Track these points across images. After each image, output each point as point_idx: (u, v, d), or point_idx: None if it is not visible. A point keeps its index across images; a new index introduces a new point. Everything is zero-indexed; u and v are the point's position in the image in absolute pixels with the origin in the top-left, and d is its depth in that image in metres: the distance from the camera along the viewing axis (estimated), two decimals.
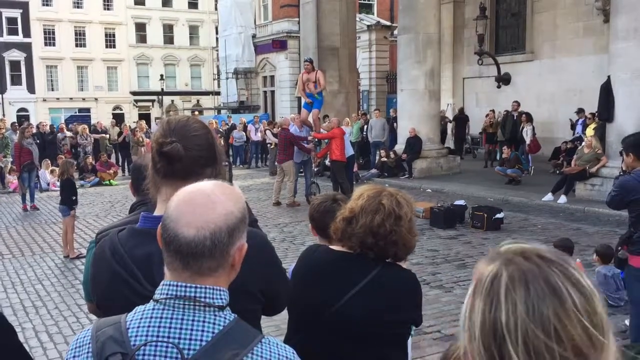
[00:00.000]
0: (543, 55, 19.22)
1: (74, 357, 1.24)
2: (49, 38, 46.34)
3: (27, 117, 40.30)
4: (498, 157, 17.21)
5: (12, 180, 16.44)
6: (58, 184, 11.08)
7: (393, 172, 16.28)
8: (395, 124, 18.39)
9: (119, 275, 1.54)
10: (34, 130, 18.81)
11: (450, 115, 21.49)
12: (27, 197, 13.60)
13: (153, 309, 1.23)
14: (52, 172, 16.53)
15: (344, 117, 19.72)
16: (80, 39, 47.46)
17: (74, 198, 9.07)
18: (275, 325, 5.12)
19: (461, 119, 20.61)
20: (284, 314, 2.17)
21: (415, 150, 16.11)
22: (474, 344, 0.93)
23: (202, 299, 1.22)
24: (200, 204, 1.23)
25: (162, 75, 44.95)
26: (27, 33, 45.10)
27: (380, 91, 27.70)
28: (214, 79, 47.65)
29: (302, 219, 11.16)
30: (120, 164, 20.56)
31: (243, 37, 33.04)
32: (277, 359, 1.23)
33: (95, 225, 11.14)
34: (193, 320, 1.20)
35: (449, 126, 21.03)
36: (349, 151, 12.95)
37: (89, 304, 2.59)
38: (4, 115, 37.50)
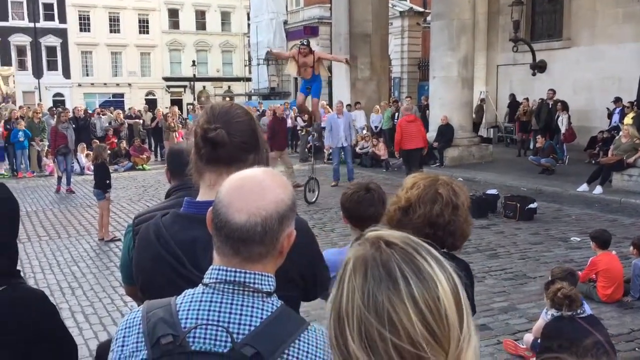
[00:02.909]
0: (580, 42, 18.75)
1: (124, 337, 1.25)
2: (84, 24, 47.02)
3: (62, 102, 41.09)
4: (532, 146, 16.92)
5: (49, 163, 16.84)
6: (92, 167, 11.31)
7: (424, 160, 16.13)
8: (427, 112, 18.20)
9: (164, 258, 1.55)
10: (70, 115, 19.21)
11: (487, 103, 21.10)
12: (63, 179, 13.91)
13: (203, 293, 1.24)
14: (87, 156, 16.84)
15: (374, 104, 19.65)
16: (114, 24, 48.05)
17: (107, 182, 9.23)
18: (305, 311, 5.14)
19: (513, 105, 20.16)
20: (317, 300, 2.18)
21: (446, 138, 15.94)
22: (329, 331, 0.93)
23: (251, 285, 1.23)
24: (252, 190, 1.24)
25: (194, 61, 45.26)
26: (62, 19, 45.83)
27: (412, 78, 27.43)
28: (245, 65, 47.82)
29: (331, 206, 11.17)
30: (152, 149, 20.83)
31: (274, 23, 33.03)
32: (323, 347, 1.24)
33: (129, 209, 11.33)
34: (242, 305, 1.22)
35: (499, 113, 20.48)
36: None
37: (126, 286, 2.63)
38: (40, 100, 38.29)
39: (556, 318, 4.13)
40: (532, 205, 9.84)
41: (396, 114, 19.13)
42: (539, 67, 18.84)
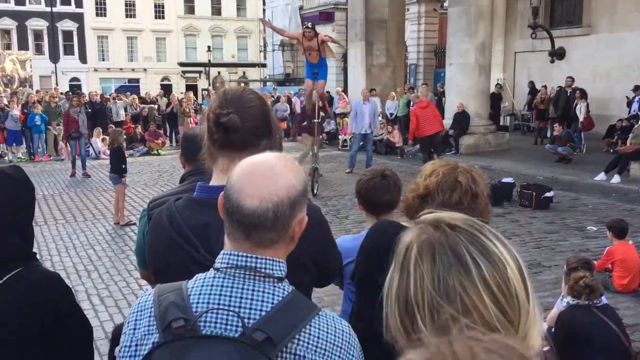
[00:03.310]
0: (600, 29, 18.45)
1: (135, 320, 1.26)
2: (100, 9, 47.13)
3: (79, 87, 41.35)
4: (549, 135, 16.74)
5: (65, 147, 17.00)
6: (108, 152, 11.39)
7: (439, 148, 16.04)
8: (442, 99, 18.06)
9: (177, 243, 1.55)
10: (87, 100, 19.34)
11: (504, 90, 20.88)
12: (78, 163, 14.03)
13: (214, 277, 1.24)
14: (103, 140, 16.96)
15: (390, 91, 19.52)
16: (130, 9, 48.11)
17: (123, 166, 9.29)
18: (318, 297, 5.16)
19: (532, 93, 19.96)
20: (329, 286, 2.18)
21: (462, 126, 15.81)
22: (392, 315, 0.91)
23: (262, 270, 1.23)
24: (263, 175, 1.24)
25: (209, 47, 45.23)
26: (79, 3, 45.95)
27: (428, 65, 27.18)
28: (260, 51, 47.69)
29: (345, 192, 11.16)
30: (167, 134, 20.92)
31: (290, 8, 32.85)
32: (334, 332, 1.24)
33: (144, 194, 11.41)
34: (253, 290, 1.22)
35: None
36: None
37: (141, 270, 2.65)
38: (57, 84, 38.54)
39: (572, 306, 4.09)
40: (548, 194, 9.75)
41: (412, 102, 19.02)
42: (557, 54, 18.56)
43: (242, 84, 42.44)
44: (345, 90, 22.13)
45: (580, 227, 8.53)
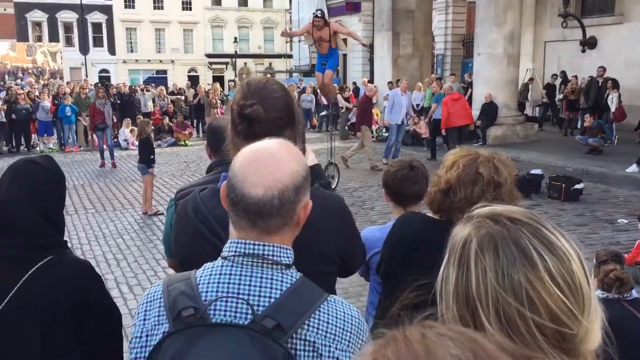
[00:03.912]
0: (633, 17, 17.98)
1: (145, 311, 1.27)
2: (129, 0, 47.60)
3: (108, 78, 41.90)
4: (579, 126, 16.43)
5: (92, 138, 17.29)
6: (137, 143, 11.55)
7: (466, 138, 15.87)
8: (470, 90, 17.85)
9: (202, 233, 1.57)
10: (115, 91, 19.60)
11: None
12: (107, 154, 14.25)
13: (222, 266, 1.25)
14: (131, 131, 17.18)
15: (416, 82, 19.36)
16: (158, 1, 48.49)
17: (152, 157, 9.40)
18: (343, 288, 5.17)
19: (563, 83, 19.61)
20: (354, 276, 2.18)
21: (490, 116, 15.62)
22: (449, 312, 0.90)
23: (270, 257, 1.24)
24: (266, 163, 1.24)
25: (235, 38, 45.39)
26: None
27: (456, 55, 26.88)
28: (286, 42, 47.65)
29: (371, 184, 11.13)
30: (194, 125, 21.09)
31: None
32: (343, 317, 1.25)
33: (172, 184, 11.54)
34: (261, 278, 1.23)
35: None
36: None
37: (168, 259, 2.69)
38: (87, 76, 39.11)
39: (601, 300, 4.03)
40: (578, 186, 9.60)
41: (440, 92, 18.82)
42: (589, 43, 18.18)
43: (269, 75, 42.48)
44: (372, 81, 22.00)
45: (611, 219, 8.38)
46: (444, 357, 0.62)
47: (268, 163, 1.23)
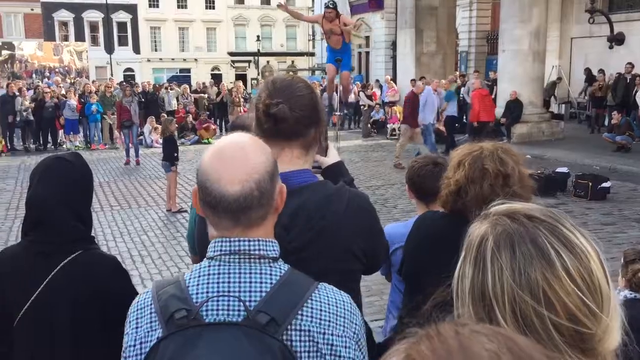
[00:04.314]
0: None
1: (136, 319, 1.25)
2: (153, 0, 48.08)
3: (132, 77, 42.35)
4: (607, 123, 16.15)
5: (119, 136, 17.50)
6: (161, 141, 11.67)
7: (490, 136, 15.68)
8: (494, 87, 17.67)
9: None
10: (139, 90, 19.81)
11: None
12: (131, 152, 14.42)
13: (209, 266, 1.24)
14: (155, 129, 17.36)
15: (440, 79, 19.22)
16: (182, 0, 48.88)
17: (175, 155, 9.48)
18: (366, 285, 5.16)
19: (589, 79, 19.34)
20: (376, 274, 2.16)
21: (515, 114, 15.44)
22: (465, 310, 0.89)
23: (256, 252, 1.24)
24: (235, 158, 1.22)
25: (258, 36, 45.57)
26: None
27: (480, 52, 26.59)
28: (308, 40, 47.70)
29: (394, 182, 11.09)
30: (218, 123, 21.21)
31: None
32: (335, 303, 1.26)
33: (195, 182, 11.62)
34: (250, 273, 1.22)
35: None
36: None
37: (192, 256, 2.72)
38: (112, 74, 39.61)
39: (628, 300, 3.96)
40: (605, 184, 9.44)
41: (462, 89, 18.67)
42: (616, 39, 17.85)
43: (291, 73, 42.57)
44: (395, 79, 21.92)
45: (639, 218, 8.23)
46: (479, 352, 0.61)
47: (237, 157, 1.22)
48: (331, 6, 9.42)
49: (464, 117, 18.06)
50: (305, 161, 1.62)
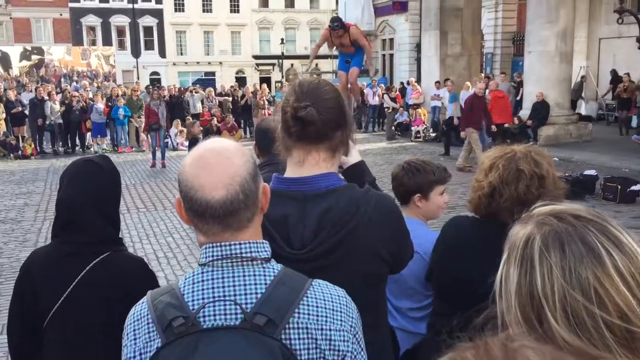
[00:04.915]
0: None
1: (134, 330, 1.25)
2: (179, 4, 48.58)
3: (158, 81, 42.84)
4: (636, 125, 15.86)
5: (145, 139, 17.72)
6: (186, 143, 11.78)
7: (516, 139, 15.51)
8: (520, 88, 17.47)
9: None
10: (166, 93, 20.04)
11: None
12: (158, 154, 14.58)
13: (202, 273, 1.24)
14: (181, 132, 17.53)
15: (465, 81, 19.08)
16: (207, 4, 49.32)
17: None
18: None
19: (615, 81, 19.07)
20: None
21: (541, 116, 15.24)
22: (511, 313, 0.87)
23: (247, 254, 1.24)
24: (216, 163, 1.22)
25: (282, 39, 45.74)
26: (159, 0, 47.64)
27: (506, 53, 26.33)
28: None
29: None
30: (242, 126, 21.33)
31: None
32: (331, 298, 1.27)
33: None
34: (244, 276, 1.22)
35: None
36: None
37: None
38: (138, 78, 40.12)
39: None
40: (634, 187, 9.28)
41: (487, 91, 18.47)
42: None
43: (315, 76, 42.57)
44: (419, 81, 21.82)
45: None
46: None
47: (218, 162, 1.22)
48: (337, 27, 8.77)
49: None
50: (331, 164, 1.62)
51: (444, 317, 2.04)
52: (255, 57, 50.82)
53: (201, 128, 13.92)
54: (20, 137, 17.29)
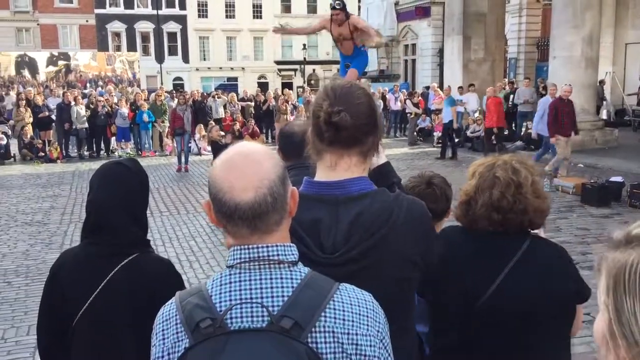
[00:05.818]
0: None
1: (162, 330, 1.26)
2: (202, 10, 49.11)
3: (181, 86, 43.28)
4: None
5: (169, 143, 17.89)
6: (209, 148, 11.87)
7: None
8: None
9: None
10: (188, 97, 20.22)
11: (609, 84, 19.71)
12: (182, 158, 14.71)
13: (230, 275, 1.25)
14: (204, 136, 17.66)
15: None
16: (229, 10, 49.76)
17: None
18: None
19: None
20: None
21: None
22: (636, 349, 0.79)
23: (275, 257, 1.24)
24: (245, 165, 1.23)
25: (304, 45, 45.91)
26: (182, 6, 48.14)
27: (529, 59, 26.09)
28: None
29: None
30: (263, 131, 21.40)
31: (385, 4, 32.66)
32: (357, 303, 1.26)
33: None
34: (271, 279, 1.23)
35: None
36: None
37: None
38: (162, 83, 40.55)
39: None
40: None
41: (511, 96, 18.34)
42: None
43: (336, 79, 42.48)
44: (441, 86, 21.71)
45: None
46: None
47: (247, 165, 1.23)
48: (338, 7, 7.56)
49: (514, 125, 17.76)
50: (363, 169, 1.61)
51: (443, 333, 2.01)
52: (278, 62, 51.10)
53: (222, 133, 14.00)
54: (46, 141, 17.58)
